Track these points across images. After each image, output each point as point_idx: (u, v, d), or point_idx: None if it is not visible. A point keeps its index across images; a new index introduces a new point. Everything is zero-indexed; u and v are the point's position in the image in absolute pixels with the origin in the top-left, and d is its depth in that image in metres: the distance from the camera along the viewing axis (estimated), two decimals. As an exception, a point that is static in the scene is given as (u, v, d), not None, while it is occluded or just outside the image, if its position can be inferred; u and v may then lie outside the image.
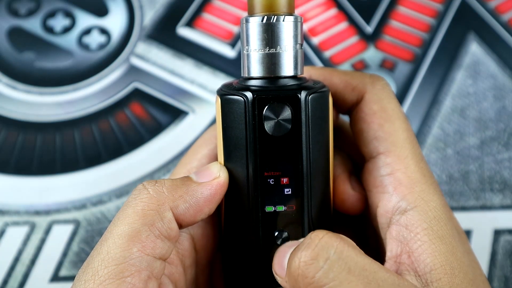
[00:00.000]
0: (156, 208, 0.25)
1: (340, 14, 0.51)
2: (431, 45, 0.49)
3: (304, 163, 0.26)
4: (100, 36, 0.50)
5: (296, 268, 0.23)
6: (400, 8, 0.51)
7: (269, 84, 0.26)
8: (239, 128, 0.25)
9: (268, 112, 0.25)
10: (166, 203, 0.25)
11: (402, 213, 0.27)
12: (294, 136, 0.25)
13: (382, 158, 0.28)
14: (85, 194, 0.43)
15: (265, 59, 0.26)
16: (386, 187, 0.28)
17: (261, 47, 0.26)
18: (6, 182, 0.43)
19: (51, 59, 0.49)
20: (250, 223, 0.26)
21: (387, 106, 0.29)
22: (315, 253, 0.23)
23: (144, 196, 0.25)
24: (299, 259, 0.23)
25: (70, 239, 0.40)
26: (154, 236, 0.24)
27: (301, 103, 0.25)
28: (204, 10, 0.51)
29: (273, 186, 0.26)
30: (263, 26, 0.25)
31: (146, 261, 0.24)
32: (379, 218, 0.28)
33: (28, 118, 0.46)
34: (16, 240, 0.40)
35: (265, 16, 0.25)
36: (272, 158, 0.26)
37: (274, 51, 0.26)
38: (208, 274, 0.30)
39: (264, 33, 0.25)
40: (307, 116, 0.25)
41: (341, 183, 0.29)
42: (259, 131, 0.25)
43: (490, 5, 0.51)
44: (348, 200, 0.29)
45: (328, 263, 0.23)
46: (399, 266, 0.26)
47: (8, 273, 0.39)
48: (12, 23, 0.51)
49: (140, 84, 0.48)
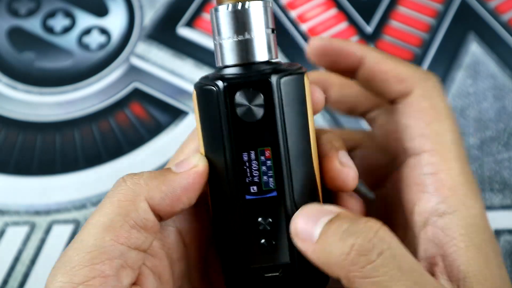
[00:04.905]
0: (132, 199, 0.25)
1: (340, 14, 0.51)
2: (431, 45, 0.49)
3: (281, 147, 0.25)
4: (100, 36, 0.50)
5: (345, 253, 0.23)
6: (400, 8, 0.51)
7: (242, 71, 0.26)
8: (214, 118, 0.25)
9: (240, 98, 0.25)
10: (141, 194, 0.25)
11: (441, 215, 0.26)
12: (269, 120, 0.25)
13: (426, 156, 0.28)
14: (85, 194, 0.43)
15: (236, 47, 0.26)
16: (427, 187, 0.27)
17: (231, 35, 0.26)
18: (6, 182, 0.43)
19: (51, 59, 0.49)
20: (232, 211, 0.26)
21: (438, 104, 0.28)
22: (371, 245, 0.22)
23: (121, 188, 0.25)
24: (352, 246, 0.23)
25: (70, 239, 0.40)
26: (128, 226, 0.25)
27: (273, 87, 0.25)
28: (204, 10, 0.51)
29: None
30: (231, 14, 0.25)
31: (119, 250, 0.24)
32: (415, 216, 0.27)
33: (28, 118, 0.46)
34: (16, 240, 0.40)
35: (230, 4, 0.25)
36: (249, 144, 0.25)
37: (244, 38, 0.26)
38: (202, 270, 0.30)
39: (232, 21, 0.26)
40: (280, 100, 0.25)
41: (328, 161, 0.28)
42: (233, 118, 0.25)
43: (490, 5, 0.51)
44: (338, 177, 0.28)
45: (381, 258, 0.22)
46: (432, 267, 0.26)
47: (8, 273, 0.39)
48: (12, 23, 0.51)
49: (140, 84, 0.48)
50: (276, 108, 0.25)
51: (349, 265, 0.23)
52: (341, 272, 0.23)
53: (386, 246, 0.23)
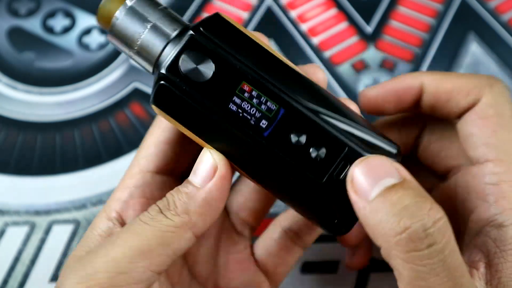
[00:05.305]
0: (175, 230, 0.25)
1: (340, 14, 0.51)
2: (431, 45, 0.49)
3: (252, 74, 0.25)
4: (100, 36, 0.50)
5: (396, 232, 0.22)
6: (400, 8, 0.51)
7: (168, 50, 0.26)
8: (184, 105, 0.25)
9: (186, 65, 0.25)
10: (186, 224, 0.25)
11: (497, 227, 0.26)
12: (223, 64, 0.25)
13: (490, 166, 0.27)
14: (85, 194, 0.43)
15: (152, 36, 0.26)
16: (487, 196, 0.26)
17: (141, 30, 0.26)
18: (6, 182, 0.43)
19: (51, 59, 0.49)
20: (272, 158, 0.25)
21: (504, 112, 0.27)
22: (424, 235, 0.22)
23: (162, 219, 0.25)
24: (406, 228, 0.22)
25: (70, 239, 0.40)
26: (167, 256, 0.24)
27: (200, 38, 0.25)
28: (204, 10, 0.51)
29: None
30: (128, 15, 0.26)
31: (147, 276, 0.24)
32: (470, 223, 0.27)
33: (28, 118, 0.46)
34: (16, 240, 0.40)
35: (120, 9, 0.26)
36: (225, 94, 0.25)
37: (145, 31, 0.26)
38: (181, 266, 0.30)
39: (134, 18, 0.26)
40: (215, 44, 0.25)
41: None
42: (195, 86, 0.25)
43: (490, 5, 0.51)
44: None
45: (430, 249, 0.22)
46: (472, 270, 0.25)
47: (8, 273, 0.39)
48: (12, 23, 0.51)
49: (140, 84, 0.48)
50: (219, 50, 0.25)
51: (395, 244, 0.22)
52: (383, 244, 0.23)
53: (439, 239, 0.22)
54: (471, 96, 0.28)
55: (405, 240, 0.22)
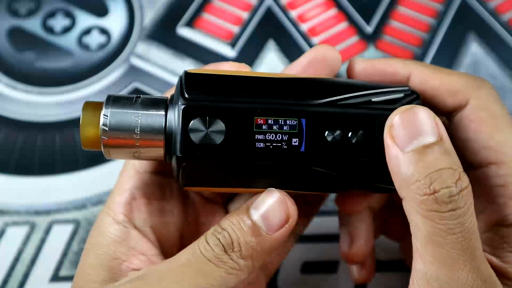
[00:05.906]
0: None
1: (340, 14, 0.51)
2: (431, 45, 0.49)
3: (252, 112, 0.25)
4: (100, 36, 0.50)
5: (423, 192, 0.23)
6: (400, 8, 0.51)
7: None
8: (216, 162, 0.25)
9: (197, 135, 0.24)
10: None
11: (506, 226, 0.26)
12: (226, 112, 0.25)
13: (494, 168, 0.27)
14: (85, 194, 0.43)
15: (147, 129, 0.25)
16: (496, 198, 0.27)
17: (135, 130, 0.25)
18: (6, 182, 0.43)
19: (51, 59, 0.49)
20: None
21: (496, 113, 0.27)
22: (448, 200, 0.22)
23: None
24: (434, 191, 0.22)
25: (70, 239, 0.40)
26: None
27: (196, 104, 0.25)
28: (204, 10, 0.51)
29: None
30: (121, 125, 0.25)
31: None
32: (479, 223, 0.27)
33: (28, 118, 0.46)
34: (16, 240, 0.40)
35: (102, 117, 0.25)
36: (244, 137, 0.25)
37: (138, 124, 0.25)
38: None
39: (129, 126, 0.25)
40: (212, 101, 0.25)
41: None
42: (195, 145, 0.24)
43: (490, 5, 0.51)
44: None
45: (451, 213, 0.23)
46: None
47: (8, 273, 0.39)
48: (12, 23, 0.51)
49: (140, 84, 0.48)
50: (215, 104, 0.25)
51: (419, 200, 0.23)
52: (407, 197, 0.23)
53: (461, 205, 0.23)
54: (457, 97, 0.28)
55: (431, 201, 0.23)
